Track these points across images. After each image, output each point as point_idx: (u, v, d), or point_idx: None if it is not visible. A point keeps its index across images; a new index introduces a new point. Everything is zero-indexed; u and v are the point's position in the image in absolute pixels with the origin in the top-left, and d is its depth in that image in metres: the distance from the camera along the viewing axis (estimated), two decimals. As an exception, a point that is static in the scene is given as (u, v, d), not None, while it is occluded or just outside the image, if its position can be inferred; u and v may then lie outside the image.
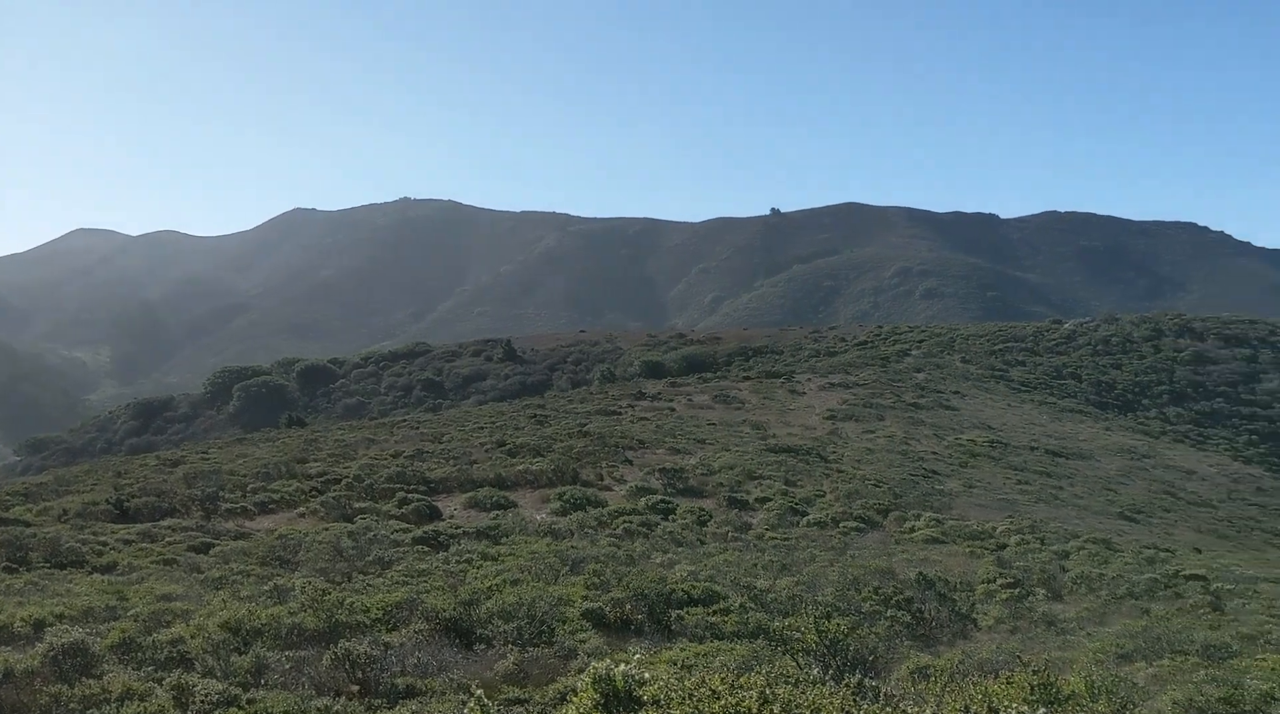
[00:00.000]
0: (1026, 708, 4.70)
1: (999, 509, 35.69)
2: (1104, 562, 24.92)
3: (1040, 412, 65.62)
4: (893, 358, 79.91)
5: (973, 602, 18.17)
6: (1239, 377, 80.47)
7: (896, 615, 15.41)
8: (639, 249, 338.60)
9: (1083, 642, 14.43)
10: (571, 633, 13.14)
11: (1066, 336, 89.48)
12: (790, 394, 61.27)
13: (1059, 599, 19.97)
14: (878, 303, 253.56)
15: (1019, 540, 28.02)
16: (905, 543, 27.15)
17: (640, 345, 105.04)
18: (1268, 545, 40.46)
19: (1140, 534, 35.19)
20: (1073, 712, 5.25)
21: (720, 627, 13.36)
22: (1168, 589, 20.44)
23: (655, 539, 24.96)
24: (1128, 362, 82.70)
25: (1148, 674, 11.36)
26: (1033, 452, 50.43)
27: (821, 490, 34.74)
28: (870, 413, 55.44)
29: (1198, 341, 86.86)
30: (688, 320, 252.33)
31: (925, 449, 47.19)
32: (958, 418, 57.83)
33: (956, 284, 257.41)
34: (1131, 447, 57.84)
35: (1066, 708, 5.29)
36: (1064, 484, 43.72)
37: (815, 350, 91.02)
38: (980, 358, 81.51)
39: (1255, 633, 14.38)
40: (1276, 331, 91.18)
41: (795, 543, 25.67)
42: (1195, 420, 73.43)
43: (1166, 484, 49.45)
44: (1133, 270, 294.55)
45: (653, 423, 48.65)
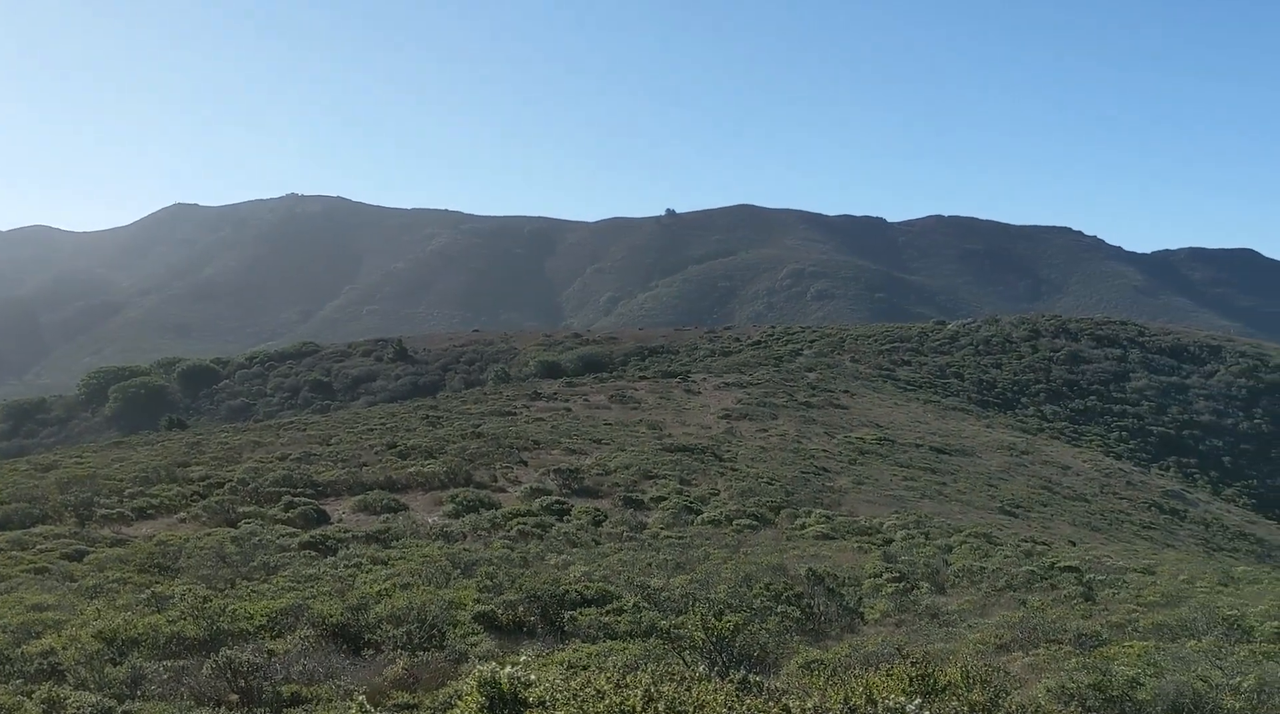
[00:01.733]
0: (904, 698, 4.84)
1: (887, 505, 36.58)
2: (985, 555, 25.77)
3: (926, 410, 67.53)
4: (786, 358, 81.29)
5: (860, 596, 18.60)
6: (1110, 376, 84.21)
7: (787, 611, 15.67)
8: (534, 248, 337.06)
9: (964, 633, 14.91)
10: (463, 636, 13.00)
11: (950, 337, 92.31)
12: (686, 394, 61.78)
13: (943, 592, 20.59)
14: (772, 304, 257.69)
15: (905, 535, 28.78)
16: (797, 539, 27.61)
17: (536, 345, 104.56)
18: (1136, 537, 42.45)
19: (1020, 528, 36.48)
20: (948, 701, 5.43)
21: (614, 627, 13.37)
22: (1044, 581, 21.26)
23: (550, 540, 24.86)
24: (1008, 361, 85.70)
25: (1024, 663, 11.79)
26: (919, 449, 51.81)
27: (716, 489, 35.07)
28: (764, 412, 56.27)
29: (1073, 342, 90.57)
30: (584, 320, 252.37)
31: (817, 447, 48.08)
32: (848, 416, 59.13)
33: (847, 286, 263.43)
34: (1012, 443, 59.94)
35: (943, 698, 5.47)
36: (948, 480, 45.02)
37: (711, 350, 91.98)
38: (869, 358, 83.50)
39: (1123, 621, 15.07)
40: (1145, 333, 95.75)
41: (690, 541, 25.87)
42: (1071, 418, 76.54)
43: (1044, 479, 51.38)
44: (1013, 273, 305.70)
45: (548, 423, 48.47)
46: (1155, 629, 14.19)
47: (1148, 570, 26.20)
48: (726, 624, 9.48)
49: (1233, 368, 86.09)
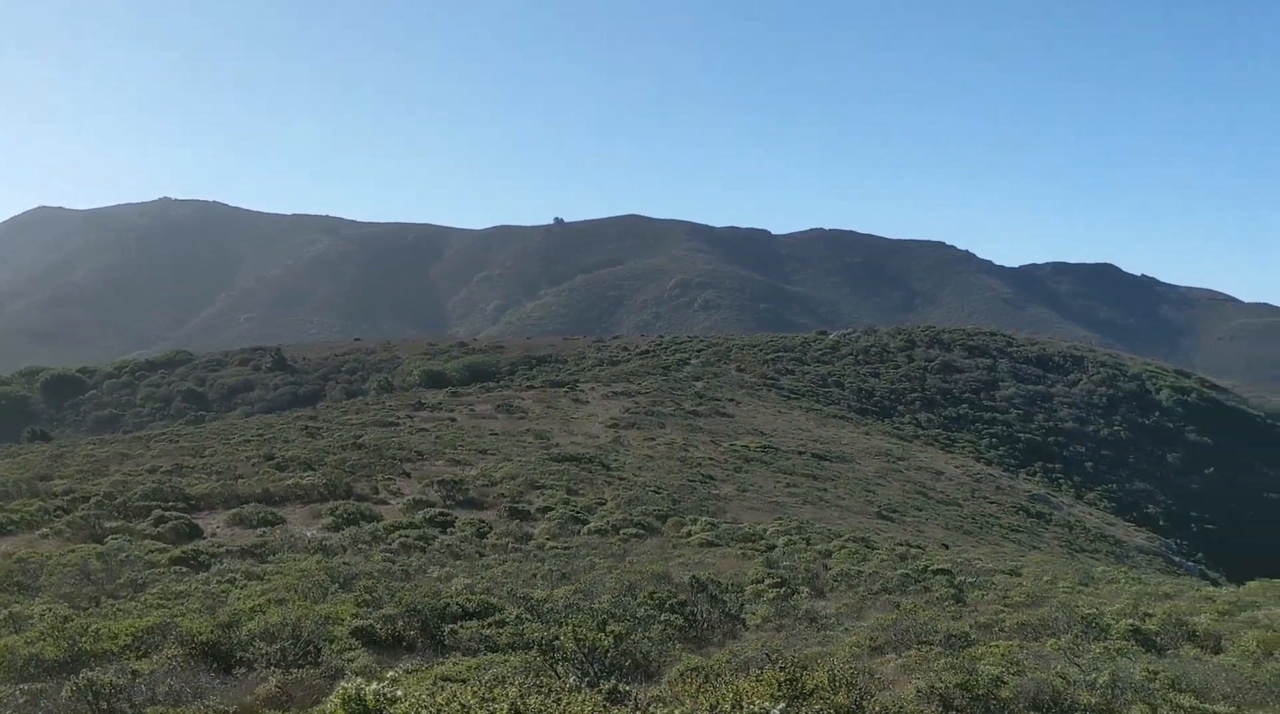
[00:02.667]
0: (769, 703, 4.94)
1: (770, 511, 37.21)
2: (863, 559, 26.45)
3: (808, 418, 68.96)
4: (673, 367, 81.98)
5: (742, 602, 18.87)
6: (981, 384, 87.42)
7: (670, 619, 15.79)
8: (418, 255, 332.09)
9: (841, 636, 15.28)
10: (339, 652, 12.70)
11: (831, 347, 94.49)
12: (574, 403, 61.72)
13: (821, 596, 21.05)
14: (659, 313, 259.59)
15: (787, 541, 29.32)
16: (682, 547, 27.86)
17: (420, 354, 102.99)
18: (1004, 539, 44.17)
19: (895, 532, 37.54)
20: (815, 704, 5.57)
21: (495, 639, 13.26)
22: (917, 583, 21.94)
23: (432, 553, 24.52)
24: (885, 370, 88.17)
25: (897, 664, 12.15)
26: (801, 456, 52.86)
27: (603, 498, 35.12)
28: (652, 421, 56.62)
29: (946, 352, 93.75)
30: (470, 329, 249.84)
31: (703, 455, 48.61)
32: (733, 424, 59.95)
33: (732, 296, 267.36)
34: (888, 450, 61.67)
35: (810, 701, 5.61)
36: (828, 486, 46.05)
37: (599, 359, 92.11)
38: (754, 367, 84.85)
39: (990, 621, 15.67)
40: (1012, 343, 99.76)
41: (576, 551, 25.85)
42: (943, 425, 79.15)
43: (919, 484, 53.01)
44: (889, 285, 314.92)
45: (432, 434, 47.80)
46: (1019, 629, 14.79)
47: (1014, 572, 27.28)
48: (598, 634, 9.51)
49: (1094, 377, 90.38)
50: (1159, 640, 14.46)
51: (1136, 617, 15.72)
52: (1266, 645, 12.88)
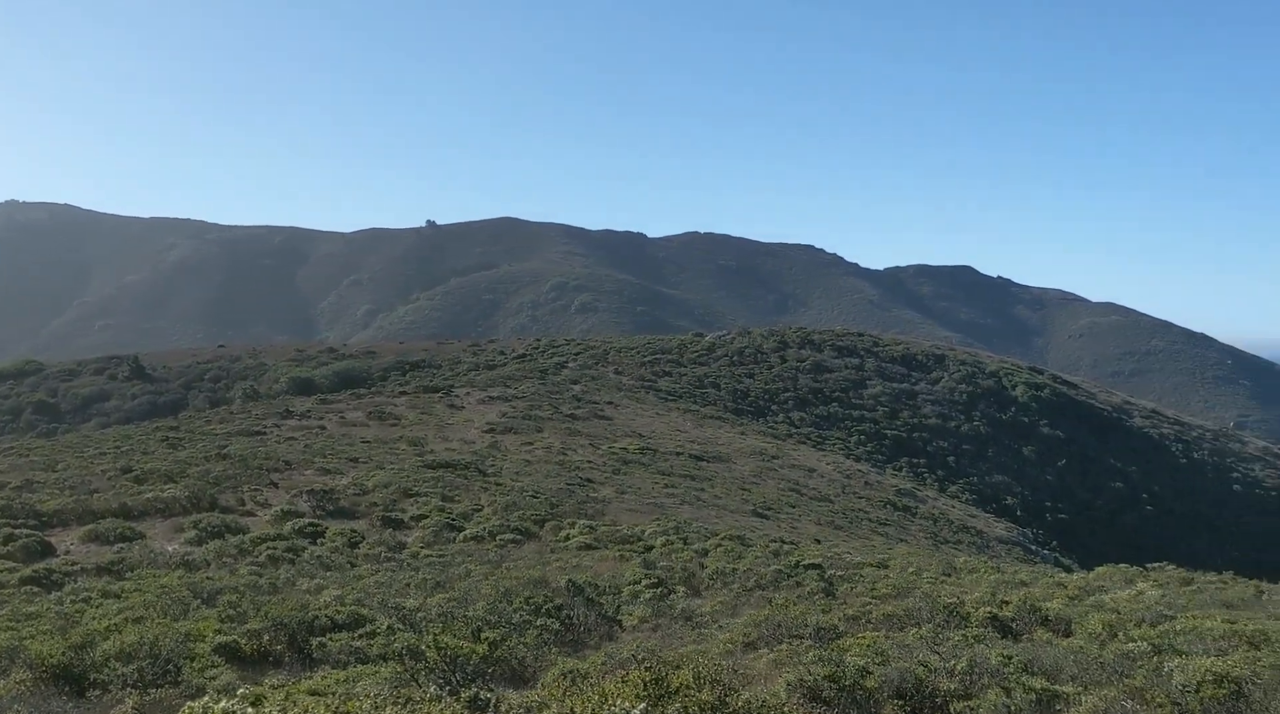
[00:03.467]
0: (629, 704, 4.98)
1: (648, 512, 37.47)
2: (738, 557, 26.88)
3: (685, 419, 69.69)
4: (551, 370, 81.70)
5: (619, 604, 18.95)
6: (850, 383, 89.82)
7: (546, 623, 15.75)
8: (285, 259, 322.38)
9: (715, 633, 15.50)
10: (201, 670, 12.24)
11: (707, 349, 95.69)
12: (449, 408, 60.91)
13: (698, 595, 21.32)
14: (536, 316, 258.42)
15: (665, 542, 29.57)
16: (560, 551, 27.81)
17: (288, 360, 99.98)
18: (873, 533, 45.52)
19: (770, 529, 38.30)
20: (679, 702, 5.65)
21: (366, 650, 12.99)
22: (790, 579, 22.43)
23: (302, 565, 23.86)
24: (759, 371, 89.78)
25: (768, 659, 12.40)
26: (679, 457, 53.40)
27: (480, 504, 34.78)
28: (529, 425, 56.31)
29: (816, 352, 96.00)
30: (340, 334, 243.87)
31: (582, 458, 48.61)
32: (612, 427, 60.14)
33: (609, 299, 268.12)
34: (763, 449, 62.82)
35: (675, 699, 5.69)
36: (706, 486, 46.65)
37: (475, 364, 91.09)
38: (632, 369, 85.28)
39: (859, 614, 16.13)
40: (879, 343, 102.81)
41: (451, 559, 25.53)
42: (815, 423, 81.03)
43: (792, 482, 54.17)
44: (762, 287, 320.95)
45: (301, 442, 46.50)
46: (886, 620, 15.27)
47: (882, 564, 28.15)
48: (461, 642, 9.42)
49: (955, 375, 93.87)
50: (1015, 626, 15.13)
51: (994, 604, 16.41)
52: (1110, 628, 13.63)
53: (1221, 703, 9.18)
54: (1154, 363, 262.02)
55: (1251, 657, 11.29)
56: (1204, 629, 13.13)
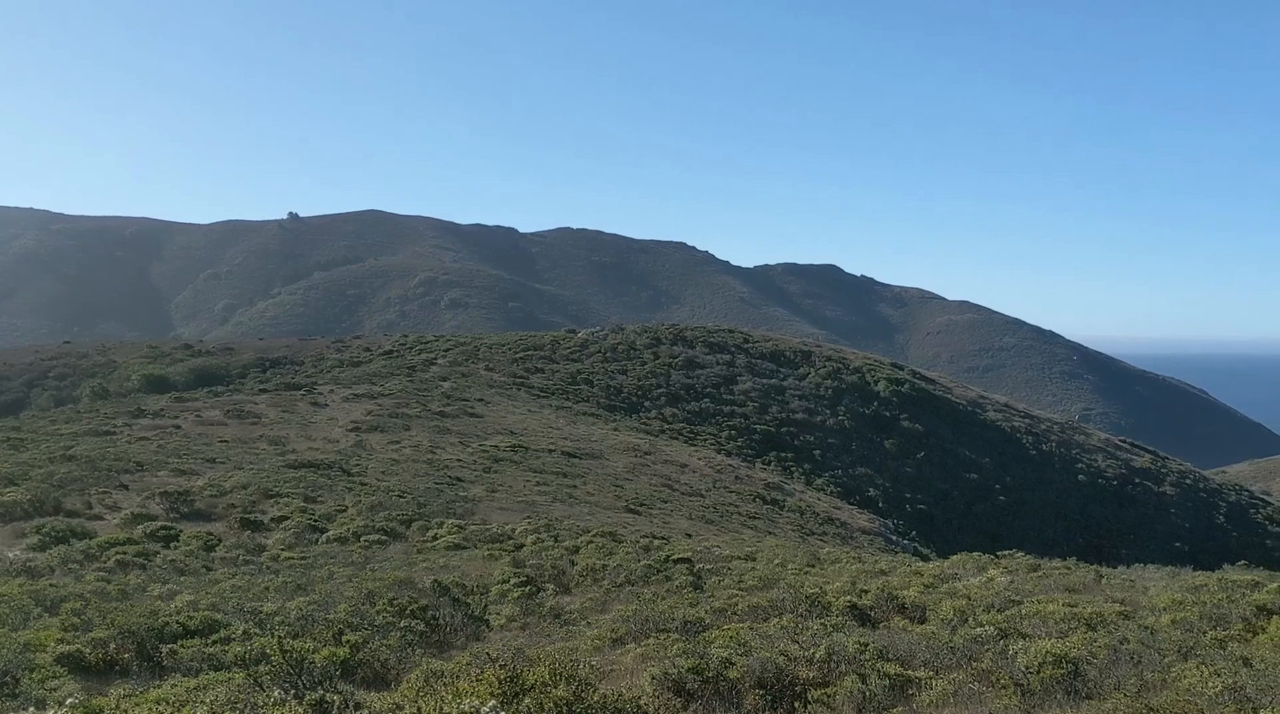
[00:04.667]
0: (478, 702, 4.94)
1: (520, 511, 37.23)
2: (609, 553, 26.95)
3: (558, 416, 69.52)
4: (419, 367, 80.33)
5: (486, 603, 18.78)
6: (721, 379, 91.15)
7: (411, 625, 15.47)
8: (138, 252, 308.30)
9: (584, 630, 15.51)
10: (42, 681, 11.59)
11: (581, 345, 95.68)
12: (313, 406, 59.31)
13: (568, 592, 21.29)
14: (404, 312, 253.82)
15: (535, 540, 29.44)
16: (428, 552, 27.38)
17: (141, 358, 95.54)
18: (743, 527, 46.32)
19: (642, 525, 38.54)
20: (533, 699, 5.64)
21: (219, 657, 12.52)
22: (660, 574, 22.62)
23: (154, 570, 22.84)
24: (633, 367, 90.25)
25: (636, 654, 12.47)
26: (551, 454, 53.23)
27: (344, 505, 33.97)
28: (397, 423, 55.27)
29: (689, 349, 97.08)
30: (197, 330, 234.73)
31: (451, 457, 47.96)
32: (482, 425, 59.52)
33: (481, 294, 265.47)
34: (636, 445, 63.18)
35: (530, 696, 5.67)
36: (579, 483, 46.63)
37: (339, 360, 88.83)
38: (503, 366, 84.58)
39: (725, 606, 16.38)
40: (749, 340, 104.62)
41: (314, 561, 24.84)
42: (688, 419, 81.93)
43: (665, 477, 54.64)
44: (636, 284, 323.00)
45: (154, 443, 44.54)
46: (751, 611, 15.56)
47: (750, 557, 28.66)
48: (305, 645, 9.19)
49: (821, 371, 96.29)
50: (873, 614, 15.61)
51: (854, 594, 16.90)
52: (962, 613, 14.21)
53: (1060, 682, 9.67)
54: (1006, 359, 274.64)
55: (1089, 638, 11.92)
56: (1047, 613, 13.81)
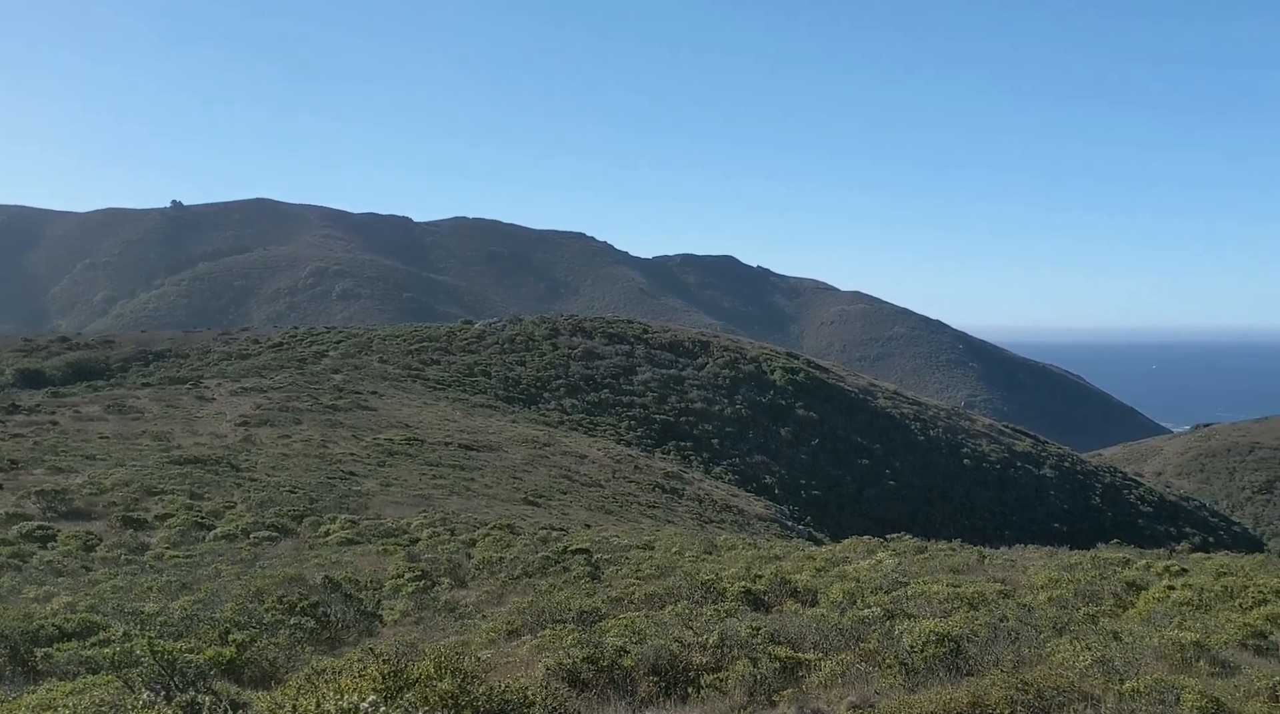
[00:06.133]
0: (358, 698, 4.87)
1: (415, 505, 36.78)
2: (506, 546, 26.83)
3: (454, 408, 68.78)
4: (310, 360, 78.57)
5: (379, 599, 18.50)
6: (620, 370, 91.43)
7: (300, 622, 15.14)
8: (11, 241, 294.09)
9: (479, 623, 15.41)
10: (-99, 696, 10.98)
11: (477, 336, 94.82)
12: (198, 401, 57.50)
13: (464, 586, 21.11)
14: (294, 304, 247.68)
15: (431, 534, 29.12)
16: (319, 547, 26.86)
17: (14, 351, 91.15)
18: (642, 516, 46.62)
19: (541, 516, 38.45)
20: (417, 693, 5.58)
21: (97, 660, 12.06)
22: (557, 565, 22.60)
23: (30, 571, 21.86)
24: (531, 359, 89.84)
25: (531, 645, 12.45)
26: (448, 447, 52.66)
27: (232, 501, 33.08)
28: (287, 417, 53.98)
29: (588, 339, 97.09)
30: (75, 322, 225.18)
31: (344, 451, 47.08)
32: (376, 418, 58.52)
33: (373, 285, 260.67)
34: (535, 436, 62.94)
35: (414, 691, 5.61)
36: (476, 476, 46.26)
37: (226, 353, 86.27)
38: (398, 358, 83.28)
39: (622, 595, 16.46)
40: (648, 331, 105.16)
41: (199, 559, 24.11)
42: (587, 410, 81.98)
43: (564, 469, 54.59)
44: (533, 275, 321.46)
45: (29, 440, 42.57)
46: (647, 600, 15.66)
47: (648, 546, 28.87)
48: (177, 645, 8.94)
49: (718, 361, 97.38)
50: (767, 599, 15.88)
51: (749, 579, 17.17)
52: (851, 596, 14.57)
53: (942, 660, 10.00)
54: (896, 347, 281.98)
55: (970, 617, 12.36)
56: (931, 593, 14.25)
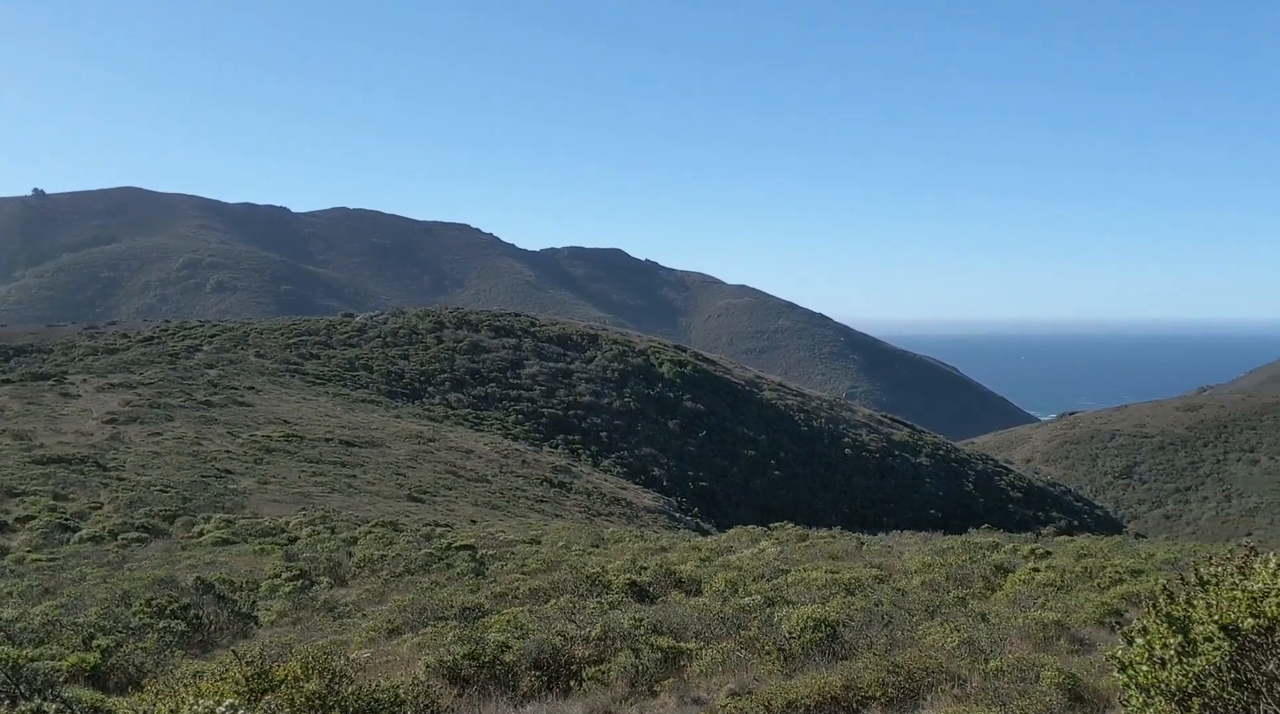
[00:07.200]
0: (213, 702, 4.73)
1: (294, 503, 35.88)
2: (389, 543, 26.38)
3: (335, 403, 67.29)
4: (183, 354, 75.84)
5: (254, 599, 17.98)
6: (507, 363, 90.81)
7: (170, 625, 14.60)
8: None
9: (359, 622, 15.11)
10: None
11: (359, 330, 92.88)
12: (62, 398, 54.90)
13: (344, 584, 20.67)
14: (165, 296, 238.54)
15: (311, 532, 28.45)
16: (193, 548, 25.96)
17: None
18: (530, 511, 46.42)
19: (425, 513, 37.94)
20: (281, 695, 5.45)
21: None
22: (441, 561, 22.33)
23: None
24: (415, 352, 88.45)
25: (412, 643, 12.27)
26: (328, 443, 51.50)
27: (99, 502, 31.73)
28: (158, 414, 51.99)
29: (474, 333, 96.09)
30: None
31: (219, 448, 45.63)
32: (253, 414, 56.85)
33: (250, 277, 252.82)
34: (419, 432, 62.03)
35: (279, 692, 5.47)
36: (357, 472, 45.37)
37: (92, 348, 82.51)
38: (276, 352, 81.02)
39: (506, 591, 16.36)
40: (536, 324, 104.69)
41: (63, 563, 23.03)
42: (473, 404, 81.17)
43: (450, 464, 53.94)
44: (418, 267, 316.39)
45: (-127, 441, 40.03)
46: (532, 594, 15.61)
47: (535, 540, 28.76)
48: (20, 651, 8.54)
49: (607, 354, 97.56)
50: (652, 590, 16.00)
51: (634, 571, 17.26)
52: (733, 585, 14.80)
53: (819, 645, 10.24)
54: (781, 340, 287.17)
55: (847, 602, 12.68)
56: (811, 580, 14.58)
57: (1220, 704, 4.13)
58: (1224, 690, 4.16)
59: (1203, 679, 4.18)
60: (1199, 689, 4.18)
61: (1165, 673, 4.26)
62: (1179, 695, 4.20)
